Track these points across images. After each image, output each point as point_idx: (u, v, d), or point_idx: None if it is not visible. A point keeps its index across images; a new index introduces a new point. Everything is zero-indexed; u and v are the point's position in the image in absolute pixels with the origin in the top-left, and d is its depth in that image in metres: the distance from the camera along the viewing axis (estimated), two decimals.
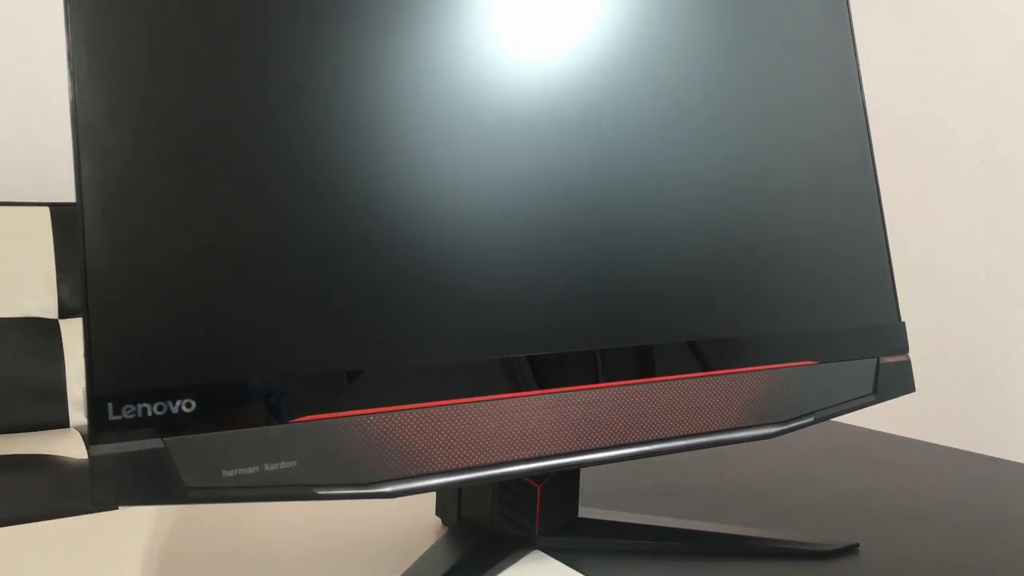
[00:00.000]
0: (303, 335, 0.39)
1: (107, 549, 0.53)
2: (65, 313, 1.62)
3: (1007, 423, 1.83)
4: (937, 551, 0.55)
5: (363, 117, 0.41)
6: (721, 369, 0.50)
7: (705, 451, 0.77)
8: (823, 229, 0.55)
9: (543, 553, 0.53)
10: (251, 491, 0.37)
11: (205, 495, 0.36)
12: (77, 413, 1.58)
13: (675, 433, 0.49)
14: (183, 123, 0.37)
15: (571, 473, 0.54)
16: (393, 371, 0.41)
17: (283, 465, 0.38)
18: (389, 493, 0.40)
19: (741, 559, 0.53)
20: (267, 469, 0.38)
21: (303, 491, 0.38)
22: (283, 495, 0.38)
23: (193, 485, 0.36)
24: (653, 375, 0.48)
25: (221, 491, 0.37)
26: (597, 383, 0.46)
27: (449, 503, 0.55)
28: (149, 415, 0.36)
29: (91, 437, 0.35)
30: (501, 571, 0.50)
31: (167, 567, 0.50)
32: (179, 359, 0.36)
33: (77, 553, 0.52)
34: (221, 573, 0.50)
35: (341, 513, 0.60)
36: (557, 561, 0.51)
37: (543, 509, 0.53)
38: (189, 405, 0.36)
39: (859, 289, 0.56)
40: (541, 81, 0.46)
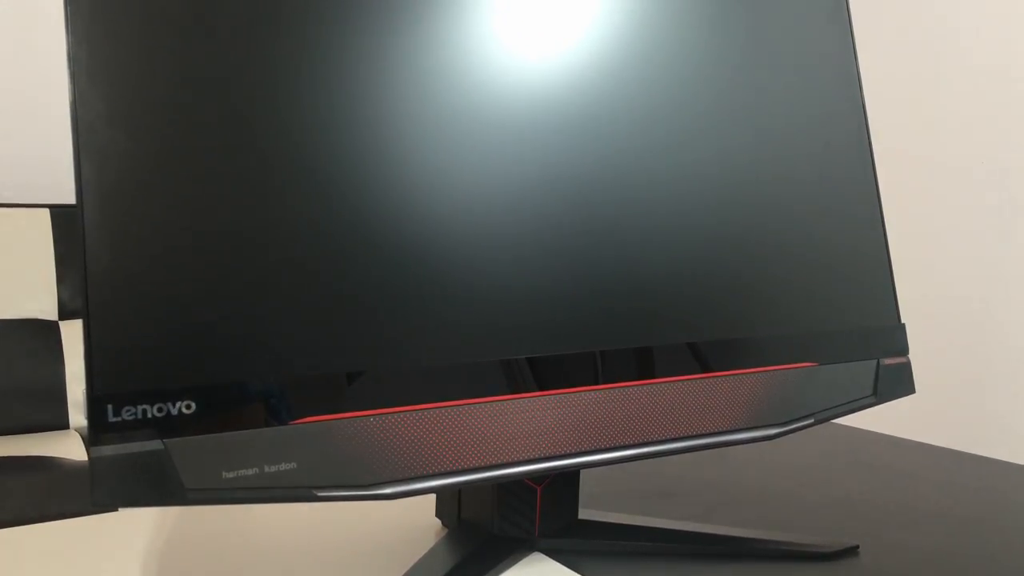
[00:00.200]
0: (303, 336, 0.39)
1: (107, 550, 0.53)
2: (65, 314, 1.63)
3: (1007, 424, 1.83)
4: (937, 552, 0.55)
5: (365, 116, 0.41)
6: (721, 370, 0.50)
7: (705, 452, 0.77)
8: (823, 230, 0.55)
9: (543, 555, 0.52)
10: (251, 493, 0.37)
11: (205, 496, 0.36)
12: (77, 415, 1.58)
13: (675, 434, 0.49)
14: (183, 124, 0.37)
15: (571, 475, 0.54)
16: (393, 372, 0.41)
17: (283, 466, 0.38)
18: (389, 495, 0.40)
19: (741, 561, 0.53)
20: (267, 470, 0.38)
21: (303, 493, 0.38)
22: (283, 497, 0.38)
23: (193, 487, 0.36)
24: (653, 376, 0.48)
25: (221, 493, 0.37)
26: (597, 384, 0.46)
27: (449, 504, 0.55)
28: (149, 416, 0.35)
29: (91, 439, 0.35)
30: (501, 573, 0.50)
31: (167, 568, 0.50)
32: (179, 360, 0.36)
33: (77, 554, 0.52)
34: (221, 575, 0.50)
35: (341, 515, 0.60)
36: (557, 563, 0.51)
37: (543, 511, 0.53)
38: (189, 406, 0.36)
39: (859, 291, 0.56)
40: (544, 81, 0.46)
